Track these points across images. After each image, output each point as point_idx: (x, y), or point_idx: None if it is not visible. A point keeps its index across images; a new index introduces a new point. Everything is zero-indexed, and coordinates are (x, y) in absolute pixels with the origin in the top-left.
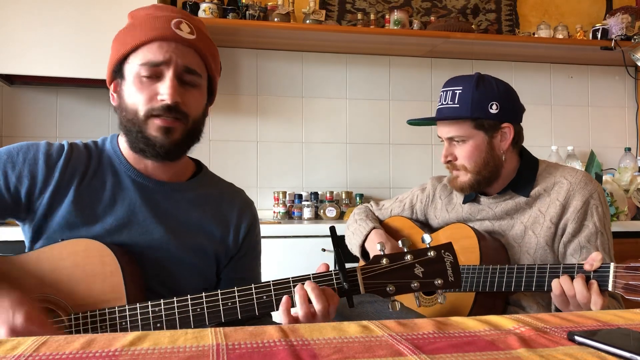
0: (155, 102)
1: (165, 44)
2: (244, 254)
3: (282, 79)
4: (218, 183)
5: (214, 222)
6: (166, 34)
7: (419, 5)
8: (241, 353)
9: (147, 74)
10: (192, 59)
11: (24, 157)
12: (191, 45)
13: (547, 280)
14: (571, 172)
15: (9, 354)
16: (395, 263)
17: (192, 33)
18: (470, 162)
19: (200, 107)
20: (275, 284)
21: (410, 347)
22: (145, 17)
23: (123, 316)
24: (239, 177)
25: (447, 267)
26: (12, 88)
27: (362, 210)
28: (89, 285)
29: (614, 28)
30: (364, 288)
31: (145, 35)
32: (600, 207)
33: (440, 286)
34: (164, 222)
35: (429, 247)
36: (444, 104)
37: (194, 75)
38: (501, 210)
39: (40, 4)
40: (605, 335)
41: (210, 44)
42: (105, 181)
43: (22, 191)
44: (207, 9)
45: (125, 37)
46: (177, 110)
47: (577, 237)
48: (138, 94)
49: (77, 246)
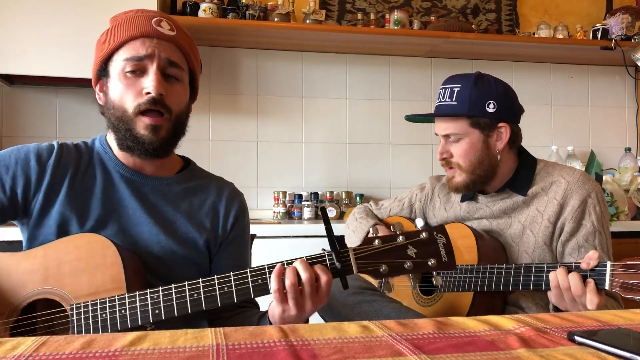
0: (141, 97)
1: (147, 40)
2: (232, 240)
3: (282, 79)
4: (206, 176)
5: (203, 211)
6: (148, 31)
7: (419, 5)
8: (241, 353)
9: (131, 69)
10: (173, 53)
11: (15, 158)
12: (172, 41)
13: (545, 279)
14: (569, 172)
15: (9, 354)
16: (388, 244)
17: (173, 30)
18: (465, 160)
19: (183, 102)
20: (270, 267)
21: (410, 347)
22: (126, 18)
23: (122, 304)
24: (239, 177)
25: (440, 248)
26: (12, 88)
27: (362, 209)
28: (91, 276)
29: (614, 28)
30: (357, 268)
31: (128, 33)
32: (598, 207)
33: (434, 267)
34: (153, 215)
35: (422, 228)
36: (442, 101)
37: (177, 69)
38: (498, 208)
39: (40, 4)
40: (605, 335)
41: (190, 41)
42: (96, 177)
43: (18, 192)
44: (207, 8)
45: (109, 37)
46: (162, 103)
47: (574, 237)
48: (124, 90)
49: (81, 240)
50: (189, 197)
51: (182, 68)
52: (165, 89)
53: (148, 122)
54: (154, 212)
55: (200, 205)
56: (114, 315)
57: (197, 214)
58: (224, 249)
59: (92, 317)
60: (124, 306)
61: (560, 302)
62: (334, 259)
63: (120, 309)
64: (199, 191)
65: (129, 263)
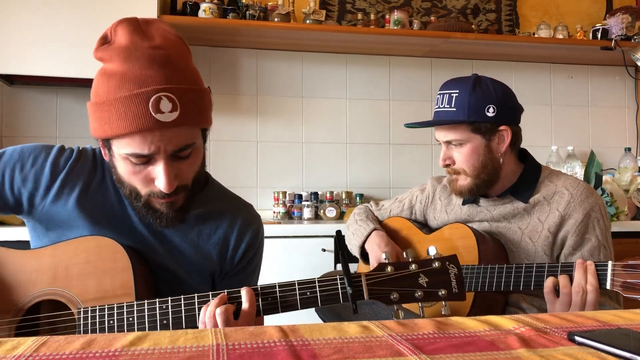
0: (153, 187)
1: (149, 135)
2: (238, 272)
3: (282, 79)
4: (222, 199)
5: (212, 241)
6: (147, 125)
7: (419, 5)
8: (241, 353)
9: (135, 162)
10: (181, 139)
11: (33, 161)
12: (177, 125)
13: (546, 278)
14: (573, 183)
15: (9, 354)
16: (400, 271)
17: (175, 107)
18: (469, 166)
19: (198, 166)
20: (280, 287)
21: (410, 347)
22: (119, 98)
23: (130, 312)
24: (239, 177)
25: (452, 279)
26: (12, 88)
27: (362, 210)
28: (100, 280)
29: (614, 28)
30: (368, 294)
31: (122, 126)
32: (602, 220)
33: (444, 297)
34: (160, 243)
35: (434, 257)
36: (440, 107)
37: (187, 149)
38: (499, 213)
39: (40, 4)
40: (605, 335)
41: (197, 95)
42: (107, 195)
43: (25, 194)
44: (207, 9)
45: (101, 112)
46: (176, 189)
47: (579, 251)
48: (132, 175)
49: (91, 243)
50: (199, 226)
51: (194, 142)
52: (177, 171)
53: (164, 201)
54: (162, 240)
55: (210, 235)
56: (121, 323)
57: (205, 244)
58: (228, 279)
59: (100, 322)
60: (132, 314)
61: (551, 307)
62: (345, 283)
63: (128, 317)
64: (210, 219)
65: (138, 269)
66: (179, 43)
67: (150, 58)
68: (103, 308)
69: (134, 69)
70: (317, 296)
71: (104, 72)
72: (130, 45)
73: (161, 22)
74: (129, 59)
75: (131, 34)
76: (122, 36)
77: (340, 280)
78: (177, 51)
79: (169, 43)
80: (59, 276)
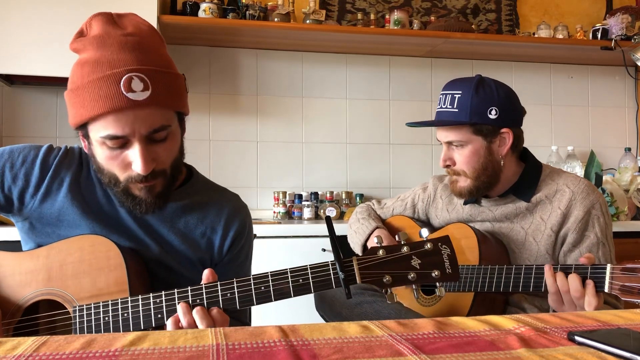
0: (131, 171)
1: (122, 116)
2: (227, 262)
3: (282, 79)
4: (208, 190)
5: (199, 231)
6: (119, 105)
7: (419, 5)
8: (241, 353)
9: (112, 145)
10: (155, 119)
11: (23, 159)
12: (150, 104)
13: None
14: (574, 181)
15: (9, 354)
16: (392, 254)
17: (147, 86)
18: (469, 167)
19: (175, 151)
20: (273, 275)
21: (411, 347)
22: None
23: (125, 307)
24: (239, 177)
25: (445, 260)
26: (12, 88)
27: (364, 209)
28: (94, 278)
29: (614, 28)
30: (360, 278)
31: (96, 107)
32: (602, 218)
33: (438, 278)
34: (148, 234)
35: (426, 239)
36: (443, 107)
37: (163, 131)
38: (501, 213)
39: (40, 4)
40: (605, 335)
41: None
42: (94, 190)
43: (15, 192)
44: (207, 9)
45: (76, 97)
46: (154, 173)
47: (578, 248)
48: (109, 160)
49: (84, 241)
50: (186, 216)
51: (169, 125)
52: (153, 155)
53: (142, 186)
54: (150, 232)
55: (197, 225)
56: (116, 319)
57: (192, 233)
58: (219, 269)
59: (95, 319)
60: (127, 309)
61: (558, 307)
62: (337, 268)
63: (122, 312)
64: (197, 209)
65: (132, 266)
66: (152, 32)
67: (122, 43)
68: (98, 305)
69: (106, 54)
70: (309, 282)
71: (78, 61)
72: (104, 34)
73: (135, 15)
74: (102, 46)
75: (105, 25)
76: (96, 27)
77: (332, 266)
78: (149, 39)
79: (142, 32)
80: (54, 276)
